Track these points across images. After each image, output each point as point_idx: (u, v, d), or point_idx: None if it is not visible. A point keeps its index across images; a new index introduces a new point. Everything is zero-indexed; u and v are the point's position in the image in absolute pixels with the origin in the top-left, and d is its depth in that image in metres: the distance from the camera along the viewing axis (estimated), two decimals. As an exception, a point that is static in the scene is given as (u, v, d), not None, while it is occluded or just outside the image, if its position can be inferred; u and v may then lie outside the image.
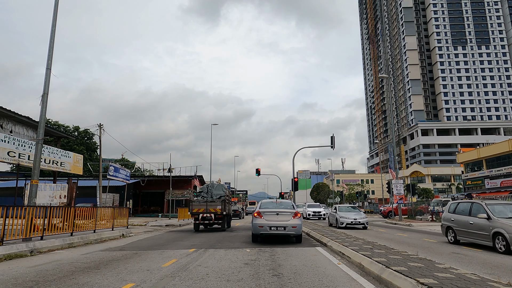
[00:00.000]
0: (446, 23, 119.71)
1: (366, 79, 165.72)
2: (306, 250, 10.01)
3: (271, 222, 11.57)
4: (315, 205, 39.03)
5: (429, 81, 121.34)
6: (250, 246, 11.26)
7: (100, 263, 7.90)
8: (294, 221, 11.63)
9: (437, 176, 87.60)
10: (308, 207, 36.96)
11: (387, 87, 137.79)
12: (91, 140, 57.45)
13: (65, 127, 54.62)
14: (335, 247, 9.57)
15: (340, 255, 8.69)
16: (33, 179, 11.21)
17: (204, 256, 8.91)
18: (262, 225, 11.59)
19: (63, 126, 54.65)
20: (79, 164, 17.71)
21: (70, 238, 12.30)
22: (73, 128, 55.24)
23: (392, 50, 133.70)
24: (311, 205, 38.70)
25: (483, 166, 53.14)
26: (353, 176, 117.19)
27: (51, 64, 11.96)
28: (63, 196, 16.21)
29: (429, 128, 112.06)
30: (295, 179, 29.68)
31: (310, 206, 37.75)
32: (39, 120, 11.57)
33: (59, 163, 15.94)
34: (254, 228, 11.92)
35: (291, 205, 12.88)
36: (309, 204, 40.05)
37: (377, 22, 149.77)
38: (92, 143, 57.19)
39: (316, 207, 37.70)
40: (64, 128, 54.29)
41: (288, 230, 11.49)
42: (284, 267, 7.21)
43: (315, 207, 37.12)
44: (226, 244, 12.01)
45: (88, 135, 56.16)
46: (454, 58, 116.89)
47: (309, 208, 36.53)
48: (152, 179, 48.86)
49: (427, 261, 6.69)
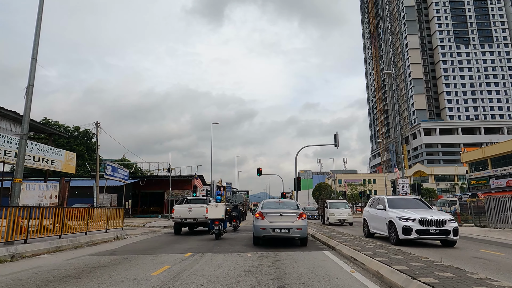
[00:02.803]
0: (448, 22, 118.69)
1: (368, 78, 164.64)
2: (313, 255, 9.12)
3: (274, 223, 10.69)
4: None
5: (431, 80, 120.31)
6: (252, 250, 10.38)
7: (83, 271, 7.03)
8: (299, 223, 10.75)
9: (440, 176, 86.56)
10: None
11: (389, 86, 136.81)
12: (91, 140, 56.62)
13: (65, 127, 53.87)
14: (345, 252, 8.67)
15: (352, 261, 7.79)
16: (16, 178, 10.35)
17: (200, 262, 8.03)
18: (264, 227, 10.71)
19: (63, 126, 53.87)
20: (72, 162, 16.86)
21: (58, 241, 11.44)
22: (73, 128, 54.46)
23: (394, 49, 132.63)
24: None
25: (488, 166, 52.18)
26: (355, 176, 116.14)
27: (37, 54, 11.11)
28: (54, 196, 15.36)
29: (431, 128, 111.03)
30: (298, 179, 28.79)
31: None
32: (23, 113, 10.71)
33: (50, 161, 15.08)
34: (255, 230, 11.04)
35: (295, 206, 12.01)
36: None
37: (378, 21, 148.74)
38: (92, 143, 56.34)
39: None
40: (64, 128, 53.54)
41: (293, 233, 10.61)
42: (290, 276, 6.33)
43: None
44: (226, 247, 11.14)
45: (88, 135, 55.34)
46: (457, 57, 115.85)
47: None
48: (152, 179, 48.01)
49: (457, 270, 5.79)
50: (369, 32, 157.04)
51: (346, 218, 25.05)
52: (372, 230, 14.11)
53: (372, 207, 14.35)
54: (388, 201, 13.12)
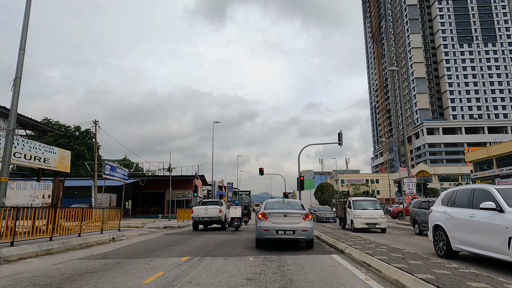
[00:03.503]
0: (451, 21, 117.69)
1: (370, 78, 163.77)
2: (320, 259, 8.41)
3: (278, 225, 9.98)
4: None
5: (434, 80, 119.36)
6: (254, 253, 9.68)
7: (68, 278, 6.34)
8: (305, 224, 10.04)
9: (444, 175, 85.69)
10: None
11: (391, 86, 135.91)
12: (92, 140, 56.06)
13: (66, 127, 53.48)
14: (356, 256, 7.95)
15: (365, 267, 7.07)
16: (2, 176, 9.67)
17: (197, 268, 7.33)
18: (267, 228, 10.00)
19: (63, 125, 53.44)
20: (66, 161, 16.19)
21: (49, 243, 10.76)
22: (74, 128, 54.00)
23: (396, 49, 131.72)
24: None
25: (493, 165, 51.31)
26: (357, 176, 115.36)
27: (25, 44, 10.45)
28: (46, 196, 14.69)
29: (434, 127, 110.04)
30: (301, 178, 28.07)
31: None
32: (10, 107, 10.04)
33: (42, 160, 14.42)
34: (258, 232, 10.33)
35: (300, 206, 11.29)
36: None
37: (381, 20, 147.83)
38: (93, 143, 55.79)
39: None
40: (65, 128, 53.21)
41: (298, 235, 9.90)
42: (298, 285, 5.62)
43: None
44: (226, 250, 10.44)
45: (89, 135, 54.82)
46: (460, 56, 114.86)
47: None
48: (152, 179, 47.37)
49: (490, 280, 5.07)
50: (371, 31, 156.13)
51: (377, 222, 18.37)
52: (459, 247, 8.01)
53: (459, 206, 8.30)
54: (502, 195, 7.19)
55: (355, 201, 20.08)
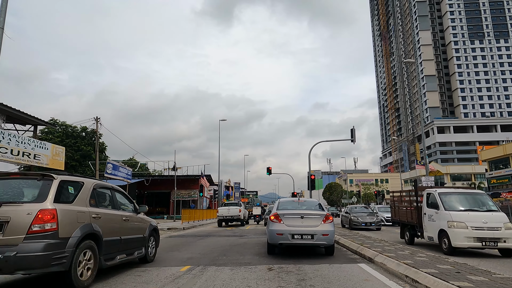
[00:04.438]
0: (462, 17, 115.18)
1: (378, 76, 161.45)
2: (347, 271, 6.97)
3: (294, 228, 8.56)
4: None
5: (444, 77, 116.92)
6: (266, 261, 8.28)
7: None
8: (325, 227, 8.61)
9: (456, 175, 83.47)
10: None
11: (400, 84, 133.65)
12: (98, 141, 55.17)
13: (72, 127, 52.75)
14: (393, 267, 6.49)
15: (410, 283, 5.59)
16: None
17: (199, 282, 5.95)
18: (281, 232, 8.58)
19: (70, 126, 52.68)
20: (60, 157, 14.93)
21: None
22: (81, 129, 53.18)
23: (405, 46, 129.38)
24: None
25: (509, 164, 49.33)
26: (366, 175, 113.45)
27: (4, 23, 9.17)
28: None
29: (445, 126, 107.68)
30: (312, 177, 26.58)
31: None
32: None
33: (32, 155, 13.16)
34: (270, 236, 8.91)
35: (318, 205, 9.86)
36: None
37: (389, 18, 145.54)
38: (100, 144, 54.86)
39: None
40: (71, 128, 52.53)
41: (317, 240, 8.47)
42: (329, 311, 4.20)
43: None
44: (234, 256, 9.04)
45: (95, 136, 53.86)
46: (471, 52, 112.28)
47: None
48: (157, 178, 46.22)
49: None
50: (379, 29, 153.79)
51: (501, 236, 9.38)
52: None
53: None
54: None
55: (445, 194, 10.79)
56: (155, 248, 8.68)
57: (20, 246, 4.62)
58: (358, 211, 22.43)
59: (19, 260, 4.55)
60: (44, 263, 4.70)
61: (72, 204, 5.42)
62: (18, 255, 4.55)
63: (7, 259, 4.50)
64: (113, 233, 6.40)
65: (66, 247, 4.98)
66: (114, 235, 6.43)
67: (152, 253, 8.43)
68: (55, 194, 5.13)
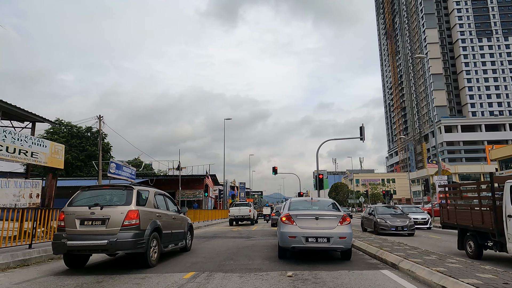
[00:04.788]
0: (469, 14, 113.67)
1: (384, 76, 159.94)
2: (370, 278, 6.22)
3: (308, 230, 7.82)
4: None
5: (452, 76, 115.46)
6: (278, 266, 7.56)
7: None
8: (342, 229, 7.87)
9: (465, 174, 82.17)
10: None
11: (406, 83, 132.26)
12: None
13: (77, 128, 52.45)
14: (424, 276, 5.72)
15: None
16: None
17: (204, 293, 5.25)
18: (294, 234, 7.85)
19: (75, 126, 52.38)
20: (59, 155, 14.30)
21: (26, 252, 8.83)
22: (86, 129, 52.83)
23: (411, 45, 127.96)
24: None
25: (521, 163, 48.21)
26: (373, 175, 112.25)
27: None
28: (35, 196, 12.79)
29: (452, 125, 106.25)
30: (320, 176, 25.82)
31: None
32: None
33: (29, 153, 12.54)
34: (282, 239, 8.18)
35: (332, 206, 9.11)
36: None
37: (394, 16, 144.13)
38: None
39: None
40: (76, 129, 52.25)
41: (334, 243, 7.72)
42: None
43: None
44: (242, 261, 8.32)
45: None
46: (479, 50, 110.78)
47: None
48: (162, 178, 45.59)
49: None
50: (385, 28, 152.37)
51: None
52: None
53: None
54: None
55: None
56: (191, 240, 10.95)
57: (118, 235, 6.82)
58: (385, 212, 18.52)
59: (118, 244, 6.76)
60: (133, 246, 6.88)
61: (145, 206, 7.62)
62: (117, 240, 6.75)
63: (111, 243, 6.70)
64: (167, 228, 8.59)
65: (144, 236, 7.15)
66: (168, 229, 8.63)
67: (189, 244, 10.68)
68: (136, 200, 7.31)
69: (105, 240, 6.73)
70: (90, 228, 7.02)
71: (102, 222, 6.96)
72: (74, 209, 7.27)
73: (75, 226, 7.05)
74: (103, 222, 6.95)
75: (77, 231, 7.02)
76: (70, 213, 7.22)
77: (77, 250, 6.96)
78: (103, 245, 6.74)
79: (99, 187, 8.42)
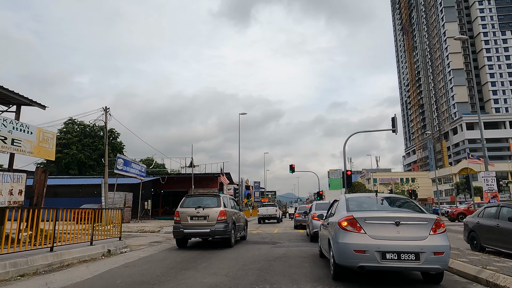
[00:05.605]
0: (491, 6, 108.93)
1: (400, 72, 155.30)
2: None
3: (386, 242, 5.19)
4: None
5: (473, 71, 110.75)
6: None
7: None
8: (438, 241, 5.21)
9: (491, 173, 78.02)
10: None
11: (424, 79, 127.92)
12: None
13: (91, 127, 51.01)
14: None
15: None
16: None
17: None
18: (364, 248, 5.22)
19: (88, 126, 50.90)
20: (49, 144, 11.95)
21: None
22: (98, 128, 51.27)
23: (429, 40, 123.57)
24: None
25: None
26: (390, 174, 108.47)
27: None
28: (16, 192, 10.44)
29: (475, 122, 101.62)
30: (348, 172, 23.07)
31: None
32: None
33: (9, 140, 10.21)
34: (342, 254, 5.52)
35: (409, 205, 6.44)
36: None
37: (411, 10, 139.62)
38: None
39: None
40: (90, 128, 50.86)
41: (426, 261, 5.07)
42: None
43: None
44: (281, 284, 5.76)
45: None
46: (502, 44, 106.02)
47: None
48: (174, 176, 43.34)
49: None
50: (401, 23, 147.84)
51: None
52: None
53: None
54: None
55: None
56: (246, 232, 14.87)
57: (215, 226, 10.98)
58: None
59: (216, 232, 11.00)
60: (224, 233, 11.13)
61: (227, 207, 11.69)
62: (215, 229, 10.97)
63: (212, 231, 10.94)
64: (237, 221, 12.59)
65: (229, 227, 11.28)
66: (237, 223, 12.62)
67: (246, 235, 14.76)
68: (222, 203, 11.51)
69: (208, 229, 10.93)
70: (197, 222, 11.11)
71: (204, 218, 11.06)
72: (185, 210, 11.33)
73: (187, 220, 11.13)
74: (205, 218, 11.05)
75: (188, 224, 11.11)
76: (183, 212, 11.27)
77: (190, 235, 11.35)
78: (207, 232, 10.96)
79: (198, 195, 12.76)
